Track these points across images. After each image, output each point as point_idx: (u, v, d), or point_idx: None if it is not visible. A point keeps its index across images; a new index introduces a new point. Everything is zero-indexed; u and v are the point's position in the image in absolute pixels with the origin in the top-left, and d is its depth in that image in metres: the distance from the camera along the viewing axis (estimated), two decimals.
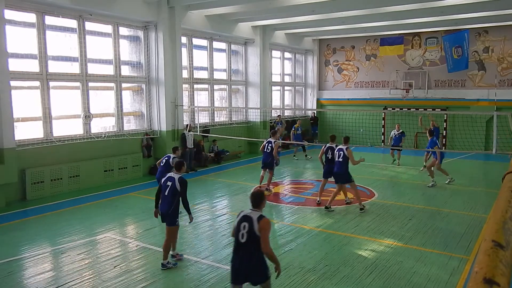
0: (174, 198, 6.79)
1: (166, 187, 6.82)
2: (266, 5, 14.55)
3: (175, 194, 6.77)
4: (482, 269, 0.96)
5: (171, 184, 6.80)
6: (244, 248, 4.78)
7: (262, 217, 4.79)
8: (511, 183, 1.62)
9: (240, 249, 4.82)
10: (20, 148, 11.15)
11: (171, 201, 6.77)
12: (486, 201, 11.06)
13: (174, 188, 6.76)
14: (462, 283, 6.39)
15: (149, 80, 14.99)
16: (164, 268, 6.83)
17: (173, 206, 6.80)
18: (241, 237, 4.79)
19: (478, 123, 18.73)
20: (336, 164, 10.16)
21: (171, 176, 6.91)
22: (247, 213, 4.90)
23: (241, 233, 4.79)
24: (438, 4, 14.44)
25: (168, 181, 6.86)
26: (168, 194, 6.78)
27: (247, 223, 4.79)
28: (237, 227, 4.87)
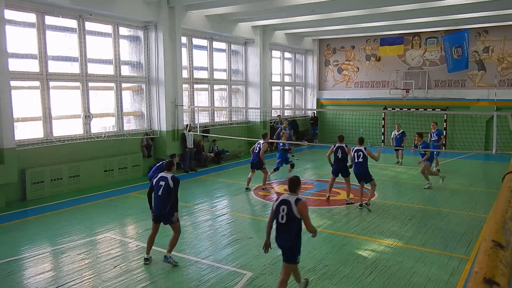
0: (170, 197, 6.84)
1: (159, 187, 6.86)
2: (266, 5, 14.55)
3: (170, 192, 6.83)
4: (482, 269, 0.96)
5: (165, 184, 6.84)
6: (284, 228, 5.39)
7: (299, 200, 5.39)
8: (511, 183, 1.62)
9: (281, 229, 5.43)
10: (20, 148, 11.15)
11: (166, 200, 6.83)
12: (486, 201, 11.06)
13: (168, 187, 6.82)
14: (462, 283, 6.39)
15: (149, 80, 14.99)
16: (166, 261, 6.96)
17: (170, 205, 6.87)
18: (280, 219, 5.37)
19: (478, 123, 18.73)
20: (357, 165, 10.36)
21: (163, 176, 6.95)
22: (285, 197, 5.44)
23: (281, 215, 5.36)
24: (438, 4, 14.44)
25: (161, 181, 6.90)
26: (162, 194, 6.83)
27: (285, 206, 5.35)
28: (276, 210, 5.40)
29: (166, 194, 6.82)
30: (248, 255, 7.46)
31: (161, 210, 6.86)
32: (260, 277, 6.57)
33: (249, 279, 6.49)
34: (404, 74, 21.89)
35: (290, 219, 5.29)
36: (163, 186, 6.84)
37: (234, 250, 7.75)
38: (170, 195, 6.84)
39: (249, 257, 7.35)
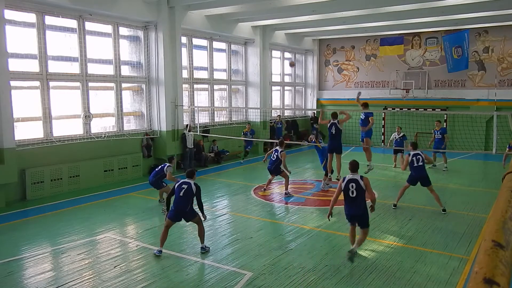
0: (190, 199, 7.54)
1: (181, 189, 7.52)
2: (266, 5, 14.55)
3: (191, 195, 7.53)
4: (482, 269, 0.96)
5: (187, 187, 7.54)
6: (354, 200, 6.85)
7: (362, 176, 7.04)
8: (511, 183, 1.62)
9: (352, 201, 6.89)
10: (20, 148, 11.15)
11: (187, 201, 7.51)
12: (486, 201, 11.06)
13: (190, 191, 7.52)
14: (462, 283, 6.39)
15: (149, 80, 14.99)
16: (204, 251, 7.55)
17: (190, 205, 7.57)
18: (351, 193, 6.87)
19: (478, 123, 18.73)
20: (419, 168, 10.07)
21: (186, 181, 7.66)
22: (351, 177, 6.99)
23: (351, 191, 6.87)
24: (438, 4, 14.44)
25: (184, 184, 7.61)
26: (183, 195, 7.48)
27: (354, 183, 6.87)
28: (346, 187, 6.90)
29: (187, 196, 7.49)
30: (248, 255, 7.46)
31: (185, 209, 7.48)
32: (260, 277, 6.57)
33: (249, 279, 6.49)
34: (404, 74, 21.89)
35: (359, 192, 6.78)
36: (185, 189, 7.52)
37: (234, 250, 7.75)
38: (191, 197, 7.54)
39: (249, 257, 7.35)
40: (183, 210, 7.49)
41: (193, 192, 7.53)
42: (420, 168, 10.04)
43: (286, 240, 8.26)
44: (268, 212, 10.50)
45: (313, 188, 12.69)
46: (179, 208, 7.48)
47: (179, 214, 7.55)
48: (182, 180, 7.78)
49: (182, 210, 7.49)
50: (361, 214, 6.99)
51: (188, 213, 7.58)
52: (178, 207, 7.48)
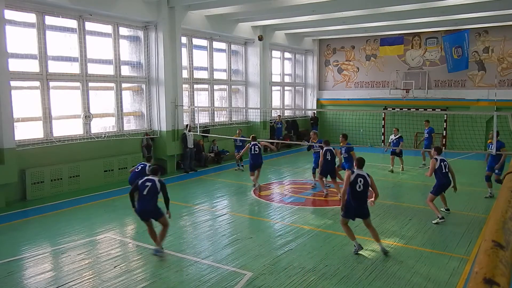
0: (155, 196, 7.39)
1: (145, 187, 7.34)
2: (266, 5, 14.55)
3: (156, 193, 7.38)
4: (482, 269, 0.96)
5: (151, 184, 7.36)
6: (360, 194, 7.25)
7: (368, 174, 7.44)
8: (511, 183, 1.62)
9: (358, 195, 7.26)
10: (20, 148, 11.15)
11: (152, 199, 7.36)
12: (486, 201, 11.07)
13: (154, 188, 7.36)
14: (462, 283, 6.39)
15: (149, 80, 14.99)
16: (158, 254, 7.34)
17: (155, 203, 7.40)
18: (358, 188, 7.21)
19: (478, 123, 18.73)
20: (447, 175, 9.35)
21: (150, 178, 7.48)
22: (359, 172, 7.34)
23: (358, 185, 7.21)
24: (438, 4, 14.44)
25: (148, 181, 7.41)
26: (148, 193, 7.32)
27: (362, 178, 7.25)
28: (354, 181, 7.22)
29: (152, 194, 7.34)
30: (248, 255, 7.46)
31: (150, 207, 7.34)
32: (260, 277, 6.57)
33: (249, 279, 6.49)
34: (404, 74, 21.89)
35: (365, 187, 7.24)
36: (149, 187, 7.34)
37: (234, 250, 7.75)
38: (156, 195, 7.39)
39: (249, 257, 7.35)
40: (148, 209, 7.35)
41: (157, 189, 7.37)
42: (447, 176, 9.32)
43: (286, 240, 8.26)
44: (268, 212, 10.50)
45: (313, 189, 12.68)
46: (144, 207, 7.35)
47: (145, 214, 7.42)
48: (146, 177, 7.56)
49: (147, 209, 7.35)
50: (361, 209, 7.41)
51: (154, 212, 7.41)
52: (143, 206, 7.36)
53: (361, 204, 7.38)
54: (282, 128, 20.88)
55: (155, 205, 7.40)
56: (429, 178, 11.13)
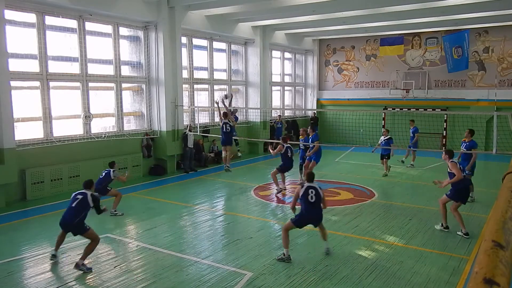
0: (82, 212, 7.02)
1: (75, 199, 7.06)
2: (266, 5, 14.55)
3: (85, 208, 7.05)
4: (482, 269, 0.96)
5: (82, 198, 7.06)
6: (313, 204, 7.21)
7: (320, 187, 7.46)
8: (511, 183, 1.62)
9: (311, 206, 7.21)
10: (20, 148, 11.15)
11: (77, 213, 6.96)
12: (486, 201, 11.06)
13: (85, 202, 7.04)
14: (462, 283, 6.39)
15: (149, 80, 14.99)
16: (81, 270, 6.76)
17: (79, 219, 6.98)
18: (310, 198, 7.19)
19: (478, 123, 18.72)
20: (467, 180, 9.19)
21: (82, 192, 7.22)
22: (310, 184, 7.33)
23: (310, 195, 7.19)
24: (438, 4, 14.44)
25: (79, 194, 7.15)
26: (75, 206, 7.00)
27: (313, 189, 7.23)
28: (306, 193, 7.18)
29: (79, 208, 7.00)
30: (248, 255, 7.46)
31: (71, 221, 6.95)
32: (260, 277, 6.57)
33: (249, 279, 6.49)
34: (404, 74, 21.89)
35: (317, 198, 7.23)
36: (79, 200, 7.03)
37: (234, 250, 7.75)
38: (84, 210, 7.03)
39: (249, 257, 7.35)
40: (69, 222, 6.94)
41: (88, 205, 7.05)
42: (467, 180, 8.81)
43: None
44: (268, 212, 10.50)
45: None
46: (65, 219, 6.98)
47: (65, 227, 7.05)
48: (79, 191, 7.27)
49: (67, 222, 6.96)
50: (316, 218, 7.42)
51: (76, 226, 6.95)
52: (65, 218, 6.99)
53: (316, 213, 7.31)
54: (282, 128, 20.88)
55: (80, 221, 6.95)
56: (429, 178, 11.14)
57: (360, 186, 12.94)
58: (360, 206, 10.79)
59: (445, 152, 8.76)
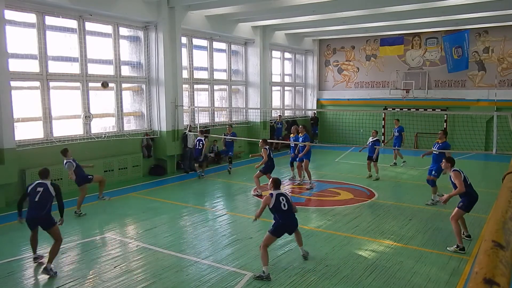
0: (47, 203, 6.90)
1: (36, 193, 6.86)
2: (266, 5, 14.55)
3: (49, 199, 6.92)
4: (482, 269, 0.96)
5: (43, 189, 6.89)
6: (287, 212, 6.95)
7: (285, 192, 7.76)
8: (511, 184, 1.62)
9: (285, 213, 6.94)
10: (20, 148, 11.15)
11: (44, 206, 6.86)
12: (486, 201, 11.05)
13: (47, 193, 6.90)
14: (462, 283, 6.39)
15: (149, 80, 14.99)
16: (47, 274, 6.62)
17: (46, 211, 6.89)
18: (283, 206, 6.91)
19: (478, 123, 18.74)
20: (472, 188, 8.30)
21: (41, 182, 6.98)
22: (279, 191, 7.04)
23: (282, 203, 6.92)
24: (438, 4, 14.44)
25: (39, 186, 6.92)
26: (40, 200, 6.84)
27: (283, 197, 7.00)
28: (278, 202, 6.87)
29: (44, 200, 6.87)
30: (248, 255, 7.46)
31: (39, 215, 6.85)
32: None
33: (249, 279, 6.49)
34: (404, 74, 21.89)
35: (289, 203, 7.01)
36: (41, 192, 6.86)
37: (234, 250, 7.75)
38: (48, 201, 6.90)
39: (249, 258, 7.35)
40: (36, 216, 6.83)
41: (51, 194, 6.90)
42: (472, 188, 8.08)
43: (286, 240, 8.25)
44: (268, 213, 10.49)
45: (313, 189, 12.68)
46: (32, 214, 6.84)
47: (34, 223, 6.92)
48: (36, 182, 7.02)
49: (35, 216, 6.83)
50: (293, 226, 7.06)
51: (44, 219, 6.86)
52: (31, 213, 6.84)
53: (292, 219, 6.99)
54: (282, 128, 20.89)
55: (48, 213, 6.87)
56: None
57: (360, 186, 12.94)
58: (360, 206, 10.79)
59: (446, 160, 8.12)
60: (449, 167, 7.95)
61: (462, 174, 7.81)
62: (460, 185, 7.64)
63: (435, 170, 10.57)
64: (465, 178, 7.87)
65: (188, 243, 8.19)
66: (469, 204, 7.80)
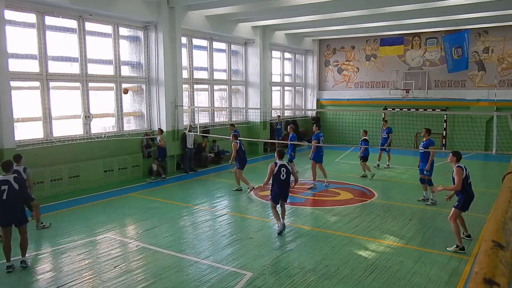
0: (17, 199, 6.77)
1: (2, 192, 6.65)
2: (266, 5, 14.55)
3: (16, 195, 6.75)
4: (482, 269, 0.96)
5: (8, 187, 6.68)
6: (284, 182, 8.35)
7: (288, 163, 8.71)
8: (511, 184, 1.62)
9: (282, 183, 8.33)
10: (20, 149, 11.13)
11: (13, 202, 6.74)
12: (486, 201, 11.07)
13: (12, 190, 6.71)
14: (462, 283, 6.39)
15: (149, 80, 14.99)
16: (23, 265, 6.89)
17: (19, 206, 6.84)
18: (282, 177, 8.23)
19: (478, 123, 18.74)
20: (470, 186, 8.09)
21: (4, 180, 6.75)
22: (282, 162, 8.36)
23: (282, 174, 8.25)
24: (438, 4, 14.44)
25: (2, 185, 6.69)
26: (8, 198, 6.68)
27: (285, 168, 8.32)
28: (278, 171, 8.26)
29: (12, 197, 6.72)
30: (248, 255, 7.46)
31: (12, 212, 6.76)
32: (260, 277, 6.57)
33: (249, 279, 6.49)
34: (404, 74, 21.89)
35: (288, 176, 8.31)
36: (6, 190, 6.67)
37: (234, 250, 7.75)
38: (17, 197, 6.75)
39: (249, 258, 7.35)
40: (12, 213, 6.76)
41: (16, 190, 6.71)
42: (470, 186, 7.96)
43: (286, 240, 8.26)
44: (268, 212, 10.49)
45: (313, 189, 12.68)
46: (7, 213, 6.73)
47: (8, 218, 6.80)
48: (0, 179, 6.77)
49: (8, 213, 6.75)
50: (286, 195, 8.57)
51: (19, 215, 6.83)
52: (6, 212, 6.73)
53: (286, 190, 8.50)
54: (282, 129, 20.89)
55: (22, 207, 6.85)
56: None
57: (360, 186, 12.95)
58: (360, 206, 10.79)
59: (452, 153, 7.98)
60: (455, 161, 7.87)
61: (464, 172, 7.72)
62: (458, 183, 7.61)
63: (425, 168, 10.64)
64: (467, 176, 7.79)
65: (188, 243, 8.19)
66: (465, 203, 7.75)
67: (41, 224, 8.95)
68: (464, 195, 7.71)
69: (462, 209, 7.75)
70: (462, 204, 7.72)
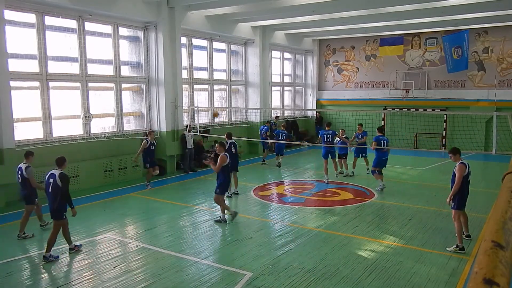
0: (57, 194, 7.09)
1: (48, 184, 7.14)
2: (266, 5, 14.55)
3: (57, 190, 7.09)
4: (482, 269, 0.96)
5: (53, 181, 7.10)
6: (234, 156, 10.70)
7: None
8: (510, 184, 1.63)
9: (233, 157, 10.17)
10: (20, 149, 11.12)
11: (54, 197, 7.09)
12: (486, 201, 11.07)
13: (55, 185, 7.07)
14: (462, 283, 6.39)
15: (149, 80, 14.99)
16: (45, 261, 7.13)
17: (57, 202, 7.10)
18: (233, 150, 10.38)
19: (477, 123, 18.74)
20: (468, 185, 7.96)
21: (52, 173, 7.17)
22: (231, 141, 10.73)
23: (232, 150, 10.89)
24: (438, 4, 14.44)
25: (50, 178, 7.14)
26: (51, 191, 7.11)
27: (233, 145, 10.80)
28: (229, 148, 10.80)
29: (53, 191, 7.09)
30: (248, 255, 7.46)
31: (51, 206, 7.15)
32: (260, 277, 6.57)
33: (249, 279, 6.49)
34: (404, 74, 21.89)
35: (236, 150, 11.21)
36: (51, 184, 7.08)
37: (234, 250, 7.75)
38: (57, 192, 7.07)
39: (249, 257, 7.35)
40: (50, 207, 7.17)
41: (59, 186, 7.05)
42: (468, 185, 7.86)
43: (286, 240, 8.26)
44: (268, 212, 10.51)
45: (313, 189, 12.69)
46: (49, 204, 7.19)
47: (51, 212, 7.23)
48: (50, 172, 7.24)
49: (49, 207, 7.20)
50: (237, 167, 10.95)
51: (54, 211, 7.16)
52: (49, 203, 7.22)
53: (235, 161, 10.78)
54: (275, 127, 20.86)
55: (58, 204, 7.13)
56: (429, 178, 11.10)
57: (360, 186, 12.95)
58: (360, 206, 10.79)
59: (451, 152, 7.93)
60: (457, 157, 7.82)
61: (467, 169, 7.63)
62: (458, 178, 7.54)
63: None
64: (468, 173, 7.72)
65: (188, 243, 8.19)
66: (460, 201, 7.71)
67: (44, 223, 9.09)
68: (459, 193, 7.66)
69: (459, 207, 7.73)
70: (458, 203, 7.70)
